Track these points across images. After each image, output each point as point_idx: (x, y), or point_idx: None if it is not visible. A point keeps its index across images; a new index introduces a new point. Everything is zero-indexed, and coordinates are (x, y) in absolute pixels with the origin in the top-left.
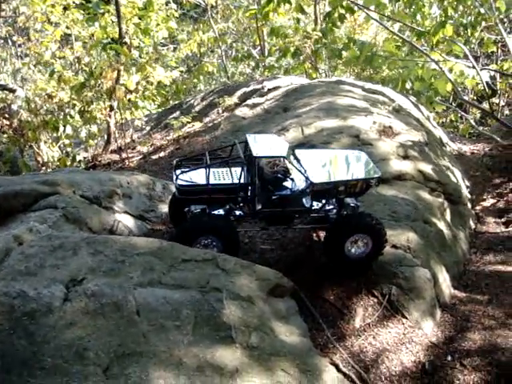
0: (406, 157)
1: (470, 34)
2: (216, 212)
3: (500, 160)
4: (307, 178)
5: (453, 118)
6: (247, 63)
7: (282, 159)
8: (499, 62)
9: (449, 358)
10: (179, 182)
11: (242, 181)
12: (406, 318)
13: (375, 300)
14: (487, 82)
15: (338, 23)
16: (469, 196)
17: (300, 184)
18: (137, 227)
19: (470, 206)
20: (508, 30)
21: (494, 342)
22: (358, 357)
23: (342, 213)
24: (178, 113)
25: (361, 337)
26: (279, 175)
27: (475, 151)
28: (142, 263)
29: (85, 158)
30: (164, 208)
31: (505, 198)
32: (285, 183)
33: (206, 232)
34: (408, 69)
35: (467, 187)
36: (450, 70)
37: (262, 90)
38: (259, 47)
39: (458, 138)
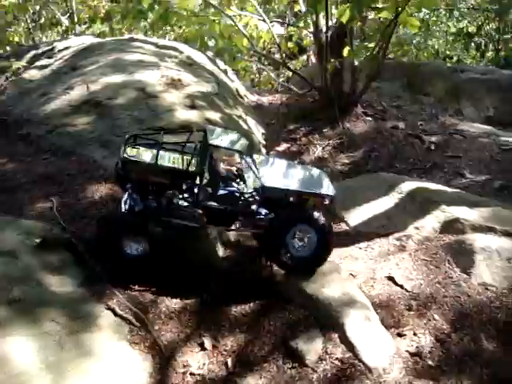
0: (192, 106)
1: None
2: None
3: (295, 108)
4: (260, 180)
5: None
6: (57, 31)
7: (239, 158)
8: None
9: None
10: (126, 155)
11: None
12: None
13: None
14: (297, 42)
15: None
16: (263, 142)
17: (251, 187)
18: None
19: (263, 151)
20: None
21: None
22: (136, 300)
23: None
24: None
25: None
26: (233, 173)
27: (273, 102)
28: None
29: None
30: None
31: (298, 142)
32: (235, 182)
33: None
34: (202, 25)
35: (263, 134)
36: (246, 25)
37: (51, 52)
38: (68, 14)
39: (265, 91)
